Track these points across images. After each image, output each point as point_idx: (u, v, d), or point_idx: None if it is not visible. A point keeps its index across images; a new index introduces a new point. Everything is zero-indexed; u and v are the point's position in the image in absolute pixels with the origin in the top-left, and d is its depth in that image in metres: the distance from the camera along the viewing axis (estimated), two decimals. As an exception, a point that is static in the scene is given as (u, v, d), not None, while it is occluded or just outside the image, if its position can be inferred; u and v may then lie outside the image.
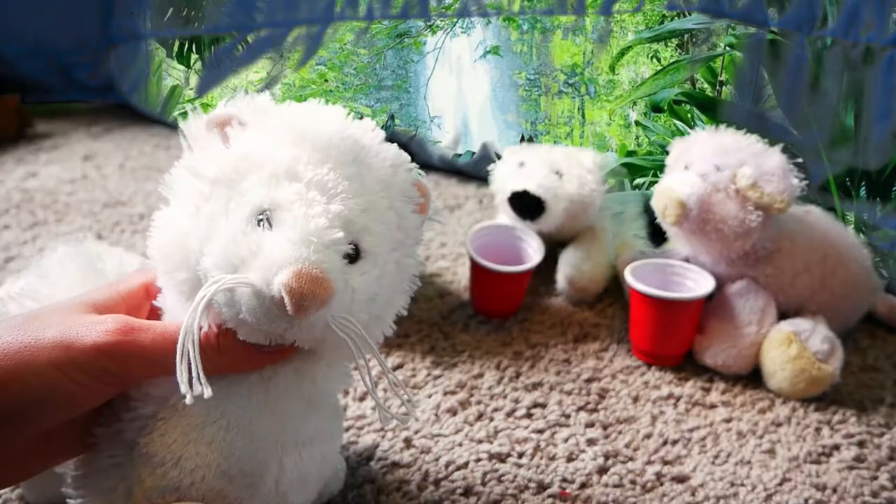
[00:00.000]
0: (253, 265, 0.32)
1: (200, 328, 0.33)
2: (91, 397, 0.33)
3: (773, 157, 0.64)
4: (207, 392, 0.31)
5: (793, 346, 0.62)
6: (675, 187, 0.65)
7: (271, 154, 0.35)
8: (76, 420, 0.35)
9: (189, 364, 0.32)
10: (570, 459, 0.55)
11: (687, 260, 0.72)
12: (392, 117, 1.12)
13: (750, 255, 0.67)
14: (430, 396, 0.61)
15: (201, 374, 0.32)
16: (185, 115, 0.37)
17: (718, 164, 0.65)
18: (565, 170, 0.79)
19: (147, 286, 0.38)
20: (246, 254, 0.32)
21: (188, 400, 0.31)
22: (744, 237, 0.65)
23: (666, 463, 0.55)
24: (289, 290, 0.30)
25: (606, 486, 0.53)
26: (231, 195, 0.34)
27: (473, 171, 1.10)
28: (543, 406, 0.61)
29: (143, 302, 0.38)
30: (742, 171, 0.64)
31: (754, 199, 0.63)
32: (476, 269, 0.72)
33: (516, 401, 0.61)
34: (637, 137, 0.96)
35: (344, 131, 0.36)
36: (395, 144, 0.39)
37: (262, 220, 0.33)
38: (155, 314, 0.38)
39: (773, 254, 0.67)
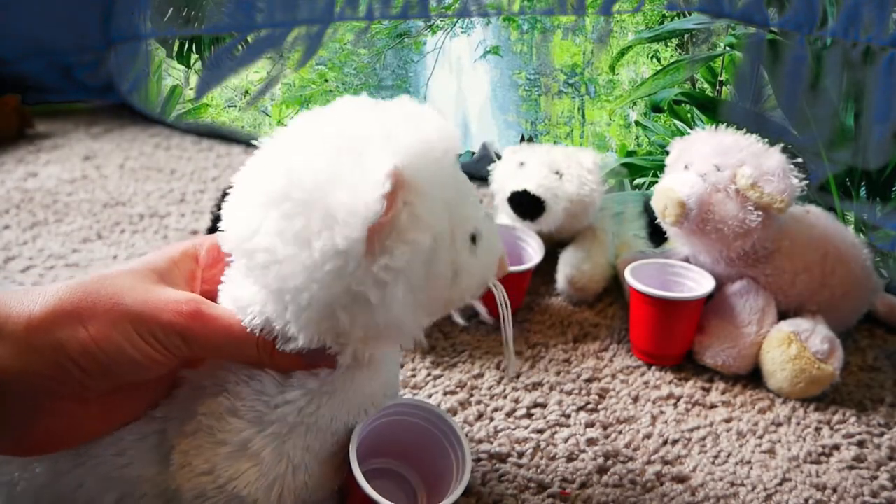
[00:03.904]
0: None
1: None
2: (166, 363, 0.37)
3: (773, 157, 0.64)
4: None
5: (793, 346, 0.62)
6: (675, 187, 0.65)
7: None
8: (141, 388, 0.39)
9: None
10: (570, 459, 0.55)
11: (687, 260, 0.72)
12: (392, 117, 1.12)
13: (750, 254, 0.67)
14: (430, 396, 0.61)
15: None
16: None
17: (718, 163, 0.65)
18: (565, 170, 0.79)
19: (195, 256, 0.42)
20: None
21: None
22: (744, 237, 0.65)
23: (666, 463, 0.55)
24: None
25: (606, 486, 0.53)
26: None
27: (473, 171, 1.09)
28: (543, 406, 0.61)
29: (195, 269, 0.42)
30: (742, 171, 0.64)
31: (754, 199, 0.63)
32: (476, 269, 0.72)
33: (516, 401, 0.61)
34: (637, 137, 0.96)
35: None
36: None
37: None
38: (214, 281, 0.41)
39: (772, 254, 0.67)
